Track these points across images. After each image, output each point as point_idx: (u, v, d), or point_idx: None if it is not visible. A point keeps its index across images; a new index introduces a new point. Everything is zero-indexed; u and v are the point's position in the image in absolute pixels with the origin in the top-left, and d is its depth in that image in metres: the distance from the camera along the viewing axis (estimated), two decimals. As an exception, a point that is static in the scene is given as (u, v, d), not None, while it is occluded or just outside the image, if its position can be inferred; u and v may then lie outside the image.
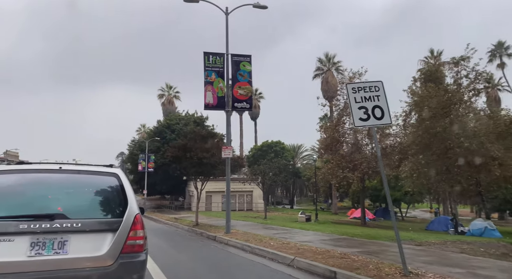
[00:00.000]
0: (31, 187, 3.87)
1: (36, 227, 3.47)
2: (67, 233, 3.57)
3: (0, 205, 3.60)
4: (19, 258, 3.37)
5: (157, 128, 50.55)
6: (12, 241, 3.40)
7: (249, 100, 14.44)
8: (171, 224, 22.82)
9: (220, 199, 46.65)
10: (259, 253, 9.33)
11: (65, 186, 4.02)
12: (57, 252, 3.50)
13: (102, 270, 3.59)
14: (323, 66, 49.71)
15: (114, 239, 3.71)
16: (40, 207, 3.69)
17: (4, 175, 3.86)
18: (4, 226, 3.41)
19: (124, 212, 3.88)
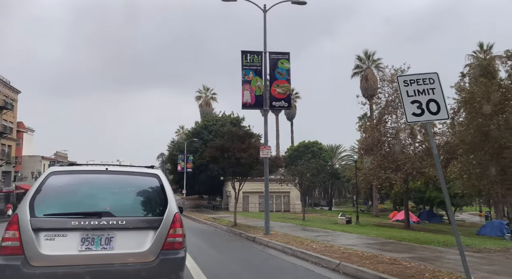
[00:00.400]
0: (81, 187, 4.13)
1: (86, 224, 3.72)
2: (113, 230, 3.80)
3: (55, 203, 3.89)
4: (72, 252, 3.63)
5: (195, 129, 51.37)
6: (65, 236, 3.67)
7: (287, 98, 14.10)
8: (209, 224, 22.92)
9: (257, 200, 46.55)
10: (301, 256, 8.96)
11: (111, 186, 4.26)
12: (104, 247, 3.74)
13: (144, 265, 3.78)
14: (362, 64, 48.25)
15: (155, 237, 3.90)
16: (89, 205, 3.94)
17: (57, 176, 4.10)
18: (58, 223, 3.69)
19: (164, 211, 4.06)
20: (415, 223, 32.03)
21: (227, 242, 13.33)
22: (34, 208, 3.75)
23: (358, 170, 32.62)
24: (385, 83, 28.19)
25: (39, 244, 3.60)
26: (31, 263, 3.53)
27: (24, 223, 3.64)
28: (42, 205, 3.80)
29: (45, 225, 3.67)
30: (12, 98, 48.22)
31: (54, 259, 3.58)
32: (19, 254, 3.54)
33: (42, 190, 3.91)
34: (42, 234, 3.64)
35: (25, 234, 3.60)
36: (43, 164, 63.92)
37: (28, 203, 3.78)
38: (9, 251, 3.56)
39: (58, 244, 3.63)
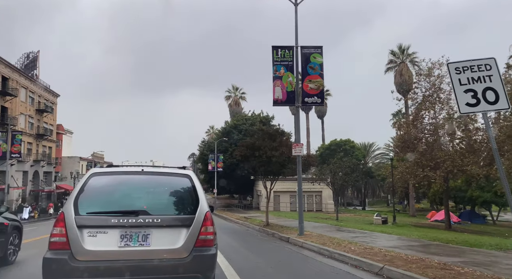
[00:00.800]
0: (120, 187, 4.41)
1: (125, 221, 3.95)
2: (149, 228, 4.01)
3: (96, 202, 4.17)
4: (112, 248, 3.88)
5: (225, 128, 51.55)
6: (106, 233, 3.92)
7: (320, 94, 13.60)
8: (241, 223, 22.74)
9: (288, 199, 46.05)
10: (339, 258, 8.50)
11: (146, 186, 4.50)
12: (141, 244, 3.96)
13: (178, 261, 3.97)
14: (396, 59, 46.53)
15: (188, 234, 4.09)
16: (127, 204, 4.20)
17: (98, 176, 4.39)
18: (100, 220, 3.95)
19: (196, 210, 4.25)
20: (456, 224, 30.38)
21: (260, 242, 13.03)
22: (78, 206, 4.03)
23: (394, 168, 31.41)
24: (422, 77, 26.87)
25: (83, 240, 3.87)
26: (77, 258, 3.80)
27: (70, 220, 3.93)
28: (85, 204, 4.08)
29: (88, 222, 3.94)
30: (52, 101, 50.41)
31: (96, 254, 3.84)
32: (66, 249, 3.82)
33: (85, 190, 4.19)
34: (85, 231, 3.91)
35: (71, 230, 3.88)
36: (81, 164, 66.55)
37: (72, 202, 4.07)
38: (57, 246, 3.86)
39: (100, 240, 3.89)
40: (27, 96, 42.22)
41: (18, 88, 39.06)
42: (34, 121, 44.07)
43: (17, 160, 38.31)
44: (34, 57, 46.81)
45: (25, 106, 41.18)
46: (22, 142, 39.47)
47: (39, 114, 45.48)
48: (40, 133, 44.50)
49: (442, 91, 24.81)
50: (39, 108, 44.96)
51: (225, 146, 48.55)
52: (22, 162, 40.00)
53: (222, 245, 11.05)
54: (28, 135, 41.82)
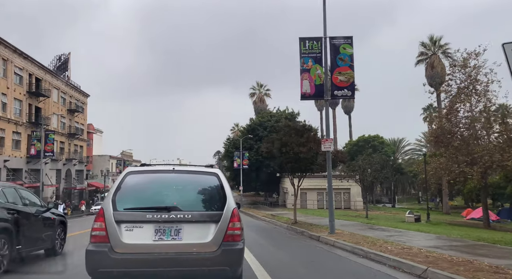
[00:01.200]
0: (153, 184, 4.66)
1: (158, 217, 4.18)
2: (181, 223, 4.23)
3: (132, 199, 4.43)
4: (147, 242, 4.11)
5: (250, 126, 51.35)
6: (141, 228, 4.15)
7: (350, 86, 13.00)
8: (268, 220, 22.43)
9: (315, 197, 45.35)
10: (375, 258, 8.00)
11: (177, 184, 4.71)
12: (174, 238, 4.18)
13: (208, 255, 4.16)
14: (427, 51, 44.66)
15: (217, 229, 4.26)
16: (160, 201, 4.42)
17: (133, 175, 4.65)
18: (136, 216, 4.20)
19: (223, 206, 4.42)
20: (495, 222, 28.79)
21: (289, 240, 12.64)
22: (116, 203, 4.30)
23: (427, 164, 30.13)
24: (456, 68, 25.51)
25: (121, 234, 4.12)
26: (115, 250, 4.06)
27: (109, 216, 4.18)
28: (122, 200, 4.34)
29: (125, 218, 4.20)
30: (82, 101, 51.90)
31: (133, 247, 4.09)
32: (106, 242, 4.09)
33: (122, 188, 4.46)
34: (123, 226, 4.16)
35: (110, 225, 4.14)
36: (111, 162, 68.36)
37: (110, 198, 4.33)
38: (98, 240, 4.14)
39: (136, 234, 4.14)
40: (59, 96, 43.61)
41: (51, 89, 40.38)
42: (66, 121, 45.49)
43: (50, 159, 39.62)
44: (65, 59, 48.29)
45: (57, 106, 42.54)
46: (54, 141, 40.82)
47: (71, 114, 46.91)
48: (71, 133, 45.91)
49: (479, 83, 23.47)
50: (70, 108, 46.36)
51: (250, 143, 48.37)
52: (55, 160, 41.36)
53: (251, 243, 10.81)
54: (60, 134, 43.21)
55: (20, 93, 34.17)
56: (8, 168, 31.45)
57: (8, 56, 32.29)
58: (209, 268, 4.16)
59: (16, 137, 33.53)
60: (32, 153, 32.74)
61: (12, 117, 32.76)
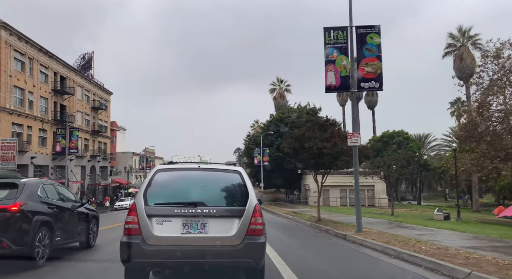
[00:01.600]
0: (180, 181, 4.93)
1: (186, 211, 4.44)
2: (206, 217, 4.46)
3: (162, 195, 4.69)
4: (176, 234, 4.38)
5: (270, 122, 50.88)
6: (170, 221, 4.42)
7: (378, 78, 12.34)
8: (290, 218, 22.00)
9: (338, 194, 44.49)
10: (408, 259, 7.45)
11: (203, 181, 4.96)
12: (200, 231, 4.42)
13: (232, 247, 4.39)
14: (455, 42, 42.83)
15: (240, 224, 4.48)
16: (187, 196, 4.66)
17: (162, 172, 4.94)
18: (165, 210, 4.47)
19: (246, 202, 4.62)
20: (530, 221, 27.28)
21: (314, 239, 12.18)
22: (147, 198, 4.55)
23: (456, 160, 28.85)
24: (489, 59, 24.18)
25: (152, 227, 4.39)
26: (147, 242, 4.32)
27: (141, 210, 4.44)
28: (152, 196, 4.60)
29: (156, 212, 4.46)
30: (106, 99, 52.79)
31: (163, 239, 4.36)
32: (138, 235, 4.36)
33: (152, 184, 4.71)
34: (154, 219, 4.43)
35: (142, 219, 4.40)
36: (134, 159, 69.47)
37: (142, 194, 4.59)
38: (131, 232, 4.41)
39: (166, 228, 4.40)
40: (83, 94, 44.44)
41: (75, 87, 41.19)
42: (90, 118, 46.36)
43: (75, 156, 40.48)
44: (89, 57, 49.20)
45: (81, 104, 43.37)
46: (79, 138, 41.66)
47: (94, 112, 47.76)
48: (95, 130, 46.75)
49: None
50: (94, 106, 47.20)
51: (271, 139, 47.94)
52: (80, 157, 42.23)
53: (274, 242, 10.43)
54: (84, 131, 44.06)
55: (45, 91, 34.95)
56: (35, 164, 32.26)
57: (34, 55, 33.04)
58: (233, 260, 4.43)
59: (42, 134, 34.35)
60: (58, 150, 33.48)
61: (38, 114, 33.55)
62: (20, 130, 30.94)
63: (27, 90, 31.81)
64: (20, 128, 30.90)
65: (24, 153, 30.55)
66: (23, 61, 31.31)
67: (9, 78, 29.14)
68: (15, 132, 30.13)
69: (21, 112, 30.73)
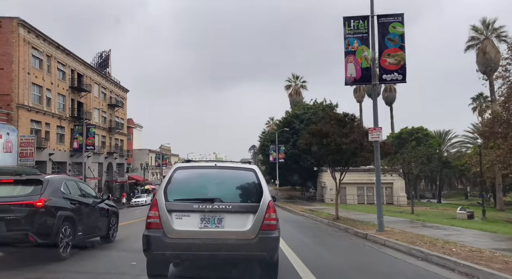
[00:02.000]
0: (198, 178, 5.15)
1: (203, 207, 4.67)
2: (223, 213, 4.68)
3: (181, 191, 4.91)
4: (194, 228, 4.62)
5: (286, 118, 50.25)
6: (189, 216, 4.67)
7: (401, 69, 11.69)
8: (307, 216, 21.48)
9: (355, 191, 43.64)
10: (438, 262, 6.90)
11: (219, 178, 5.19)
12: (217, 226, 4.65)
13: (247, 241, 4.61)
14: (478, 35, 41.24)
15: (255, 219, 4.69)
16: (204, 193, 4.87)
17: (181, 170, 5.16)
18: (185, 206, 4.71)
19: (260, 199, 4.82)
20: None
21: (334, 238, 11.66)
22: (167, 194, 4.81)
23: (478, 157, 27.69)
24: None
25: (172, 222, 4.65)
26: (168, 235, 4.60)
27: (161, 205, 4.71)
28: (172, 192, 4.85)
29: (175, 207, 4.72)
30: (122, 96, 53.16)
31: (183, 233, 4.61)
32: (159, 228, 4.63)
33: (172, 181, 4.96)
34: (174, 214, 4.69)
35: (163, 213, 4.67)
36: (150, 156, 70.03)
37: (163, 190, 4.86)
38: (152, 226, 4.68)
39: (185, 222, 4.66)
40: (100, 91, 44.80)
41: (92, 84, 41.53)
42: (107, 115, 46.73)
43: (92, 152, 40.85)
44: (106, 56, 49.54)
45: (98, 101, 43.73)
46: (96, 135, 42.02)
47: (111, 109, 48.14)
48: (112, 127, 47.12)
49: (543, 67, 21.02)
50: (111, 103, 47.55)
51: (286, 136, 47.37)
52: (97, 154, 42.64)
53: (291, 241, 9.98)
54: (101, 128, 44.45)
55: (63, 88, 35.29)
56: (53, 161, 32.65)
57: (52, 53, 33.37)
58: (248, 253, 4.66)
59: (60, 131, 34.73)
60: (75, 147, 33.78)
61: (56, 111, 33.91)
62: (39, 127, 31.32)
63: (45, 87, 32.14)
64: (38, 125, 31.28)
65: (43, 150, 30.92)
66: (41, 58, 31.63)
67: (27, 75, 29.48)
68: (34, 129, 30.50)
69: (39, 109, 31.08)
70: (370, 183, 43.78)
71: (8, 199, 6.57)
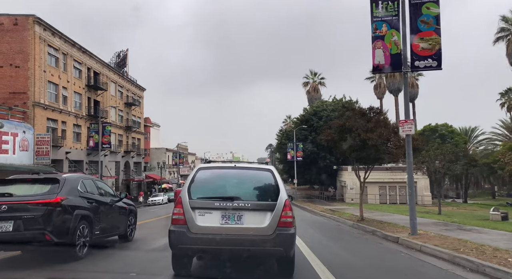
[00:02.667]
0: (219, 178, 5.54)
1: (224, 205, 5.07)
2: (242, 210, 5.08)
3: (203, 190, 5.29)
4: (216, 225, 5.03)
5: (304, 116, 49.03)
6: (211, 213, 5.08)
7: (436, 55, 10.47)
8: (328, 216, 20.38)
9: (377, 191, 42.06)
10: (495, 275, 5.82)
11: (239, 178, 5.54)
12: (237, 222, 5.05)
13: (265, 237, 4.98)
14: (508, 26, 39.01)
15: (272, 216, 5.05)
16: (225, 192, 5.28)
17: (203, 170, 5.53)
18: (207, 204, 5.11)
19: (277, 198, 5.17)
20: None
21: (361, 243, 10.56)
22: (191, 193, 5.17)
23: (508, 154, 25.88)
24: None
25: (195, 218, 5.01)
26: (191, 231, 4.95)
27: (186, 203, 5.07)
28: (195, 191, 5.20)
29: (198, 205, 5.07)
30: (139, 95, 53.07)
31: (205, 229, 4.95)
32: (184, 224, 4.99)
33: (195, 181, 5.31)
34: (197, 211, 5.05)
35: (187, 211, 5.03)
36: (167, 155, 69.99)
37: (186, 189, 5.21)
38: (178, 222, 5.04)
39: (207, 219, 5.01)
40: (116, 90, 44.69)
41: (108, 82, 41.42)
42: (123, 114, 46.63)
43: (109, 151, 40.74)
44: (124, 55, 49.50)
45: (114, 100, 43.63)
46: (112, 134, 41.93)
47: (128, 107, 48.03)
48: (129, 125, 46.99)
49: None
50: (127, 102, 47.43)
51: (305, 134, 46.20)
52: (114, 153, 42.53)
53: (314, 244, 8.95)
54: (118, 127, 44.35)
55: (79, 86, 35.19)
56: (70, 159, 32.55)
57: (68, 51, 33.27)
58: (266, 248, 4.93)
59: (76, 129, 34.63)
60: (91, 145, 33.57)
61: (72, 110, 33.80)
62: (55, 125, 31.23)
63: (61, 86, 32.03)
64: (54, 123, 31.19)
65: (59, 148, 30.80)
66: (57, 56, 31.53)
67: (43, 73, 29.37)
68: (50, 127, 30.41)
69: (55, 107, 30.97)
70: (392, 182, 42.16)
71: (25, 197, 6.60)
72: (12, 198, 6.53)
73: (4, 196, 6.54)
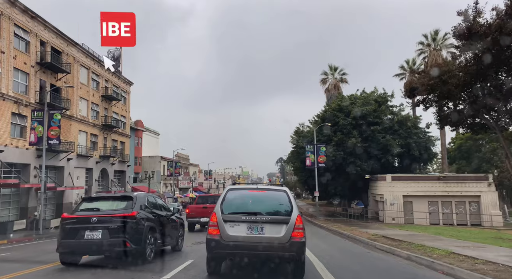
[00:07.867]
0: (244, 197, 7.29)
1: (249, 218, 6.69)
2: (263, 223, 6.67)
3: (232, 207, 6.96)
4: (243, 234, 6.63)
5: (325, 113, 39.41)
6: (239, 225, 6.70)
7: None
8: (386, 248, 10.62)
9: (426, 207, 31.62)
10: None
11: (260, 197, 7.31)
12: (259, 232, 6.63)
13: (281, 244, 6.54)
14: None
15: (287, 229, 6.62)
16: (249, 208, 6.94)
17: (232, 191, 7.41)
18: (236, 218, 6.75)
19: (291, 213, 6.80)
20: None
21: None
22: (223, 209, 6.90)
23: None
24: None
25: (227, 229, 6.66)
26: (224, 239, 6.61)
27: (219, 217, 6.77)
28: (226, 207, 6.94)
29: (229, 218, 6.75)
30: (124, 89, 44.10)
31: (234, 238, 6.58)
32: (218, 234, 6.68)
33: (225, 199, 7.11)
34: (228, 223, 6.72)
35: (220, 223, 6.73)
36: (162, 164, 60.57)
37: (219, 206, 6.95)
38: (213, 232, 6.72)
39: (236, 229, 6.66)
40: (89, 77, 35.68)
41: (76, 65, 32.62)
42: (100, 109, 37.51)
43: (76, 154, 31.65)
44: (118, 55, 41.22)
45: (86, 90, 34.73)
46: (82, 133, 32.95)
47: (106, 102, 38.97)
48: (107, 124, 37.84)
49: None
50: (106, 94, 38.42)
51: (327, 134, 36.60)
52: (84, 157, 33.38)
53: None
54: (90, 124, 35.24)
55: (24, 63, 25.98)
56: (3, 162, 23.32)
57: (4, 10, 24.48)
58: (283, 253, 6.58)
59: (19, 121, 25.44)
60: (32, 141, 24.15)
61: (10, 92, 24.58)
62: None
63: None
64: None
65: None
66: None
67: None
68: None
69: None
70: (446, 196, 31.71)
71: (110, 211, 8.62)
72: (100, 212, 8.60)
73: (93, 210, 8.67)
